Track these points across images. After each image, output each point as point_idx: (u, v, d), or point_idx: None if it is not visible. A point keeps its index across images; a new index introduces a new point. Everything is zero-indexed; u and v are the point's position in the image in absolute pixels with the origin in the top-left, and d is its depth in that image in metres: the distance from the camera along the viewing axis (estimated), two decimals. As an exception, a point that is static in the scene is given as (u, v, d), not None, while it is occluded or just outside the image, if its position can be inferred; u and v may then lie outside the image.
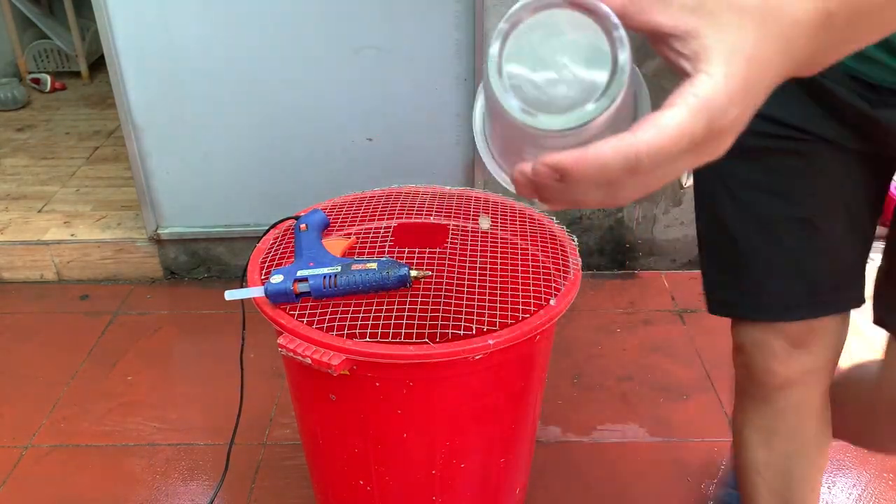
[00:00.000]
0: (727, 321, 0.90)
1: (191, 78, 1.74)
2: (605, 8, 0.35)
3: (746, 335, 0.88)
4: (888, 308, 0.86)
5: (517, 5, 0.35)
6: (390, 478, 1.01)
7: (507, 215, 1.13)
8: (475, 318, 0.91)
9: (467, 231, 1.09)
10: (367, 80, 1.75)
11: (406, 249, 1.05)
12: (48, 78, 3.02)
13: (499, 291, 0.96)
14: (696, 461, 1.42)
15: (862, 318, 0.89)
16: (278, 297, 0.90)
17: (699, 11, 0.33)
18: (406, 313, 0.92)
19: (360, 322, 0.90)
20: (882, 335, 0.87)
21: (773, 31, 0.33)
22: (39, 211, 2.12)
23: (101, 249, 1.97)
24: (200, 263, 1.98)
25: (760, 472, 0.95)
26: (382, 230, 1.09)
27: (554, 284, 0.96)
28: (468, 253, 1.04)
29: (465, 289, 0.97)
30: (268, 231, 1.08)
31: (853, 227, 0.82)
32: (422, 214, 1.13)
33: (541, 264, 1.02)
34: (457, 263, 1.02)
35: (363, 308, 0.92)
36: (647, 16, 0.34)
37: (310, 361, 0.84)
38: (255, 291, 0.91)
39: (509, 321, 0.90)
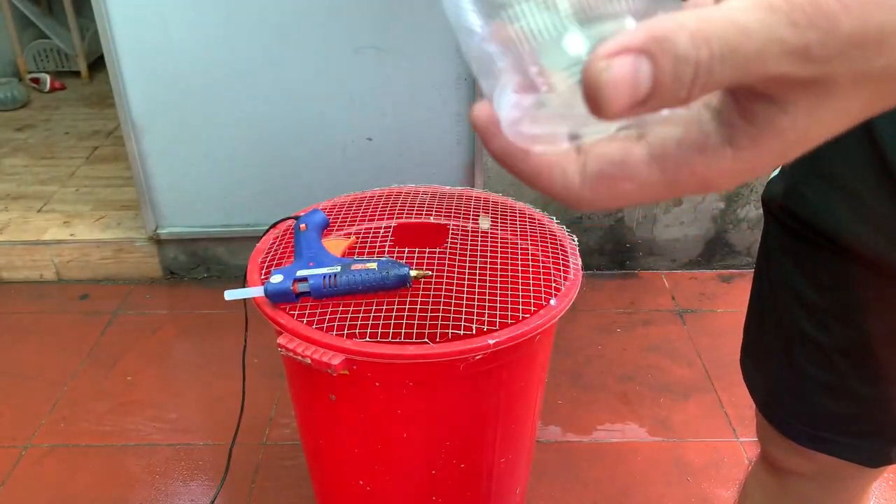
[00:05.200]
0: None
1: (190, 77, 1.73)
2: None
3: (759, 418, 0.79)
4: None
5: None
6: (390, 478, 1.01)
7: (507, 215, 1.12)
8: (475, 318, 0.91)
9: (467, 231, 1.09)
10: (366, 80, 1.75)
11: (406, 249, 1.05)
12: (47, 77, 3.02)
13: (499, 291, 0.96)
14: (696, 461, 1.42)
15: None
16: (278, 297, 0.90)
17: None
18: (406, 313, 0.92)
19: (359, 322, 0.89)
20: None
21: None
22: (39, 211, 2.12)
23: (100, 249, 1.96)
24: (200, 263, 1.98)
25: None
26: (382, 230, 1.09)
27: (554, 284, 0.96)
28: (468, 253, 1.04)
29: (465, 289, 0.96)
30: (267, 231, 1.07)
31: None
32: (422, 214, 1.13)
33: (541, 264, 1.02)
34: (457, 263, 1.01)
35: (363, 308, 0.92)
36: None
37: (309, 361, 0.84)
38: (254, 291, 0.91)
39: (509, 321, 0.90)
